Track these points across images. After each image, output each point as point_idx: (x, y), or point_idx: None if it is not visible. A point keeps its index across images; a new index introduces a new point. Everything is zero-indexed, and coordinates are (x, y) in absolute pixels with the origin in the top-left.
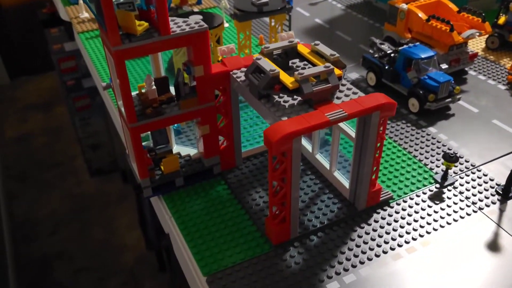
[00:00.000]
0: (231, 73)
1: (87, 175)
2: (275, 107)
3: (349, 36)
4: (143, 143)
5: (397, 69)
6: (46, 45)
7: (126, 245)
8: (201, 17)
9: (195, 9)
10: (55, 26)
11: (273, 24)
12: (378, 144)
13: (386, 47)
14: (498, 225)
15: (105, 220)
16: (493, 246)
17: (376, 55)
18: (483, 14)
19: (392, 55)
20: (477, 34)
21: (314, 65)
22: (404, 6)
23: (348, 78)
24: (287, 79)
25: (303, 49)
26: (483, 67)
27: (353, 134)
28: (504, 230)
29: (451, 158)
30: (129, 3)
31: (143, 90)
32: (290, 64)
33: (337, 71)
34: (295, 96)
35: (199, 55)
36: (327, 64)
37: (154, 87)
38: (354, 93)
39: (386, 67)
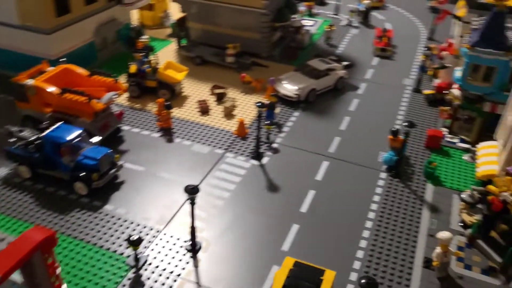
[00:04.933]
0: None
1: None
2: None
3: None
4: None
5: (49, 155)
6: None
7: None
8: None
9: None
10: None
11: None
12: (53, 278)
13: (28, 134)
14: (198, 284)
15: None
16: None
17: (19, 145)
18: (114, 75)
19: (37, 141)
20: (115, 96)
21: None
22: (30, 82)
23: None
24: None
25: None
26: (133, 120)
27: (18, 279)
28: None
29: (133, 242)
30: None
31: None
32: None
33: None
34: None
35: None
36: None
37: None
38: (1, 240)
39: (36, 156)
